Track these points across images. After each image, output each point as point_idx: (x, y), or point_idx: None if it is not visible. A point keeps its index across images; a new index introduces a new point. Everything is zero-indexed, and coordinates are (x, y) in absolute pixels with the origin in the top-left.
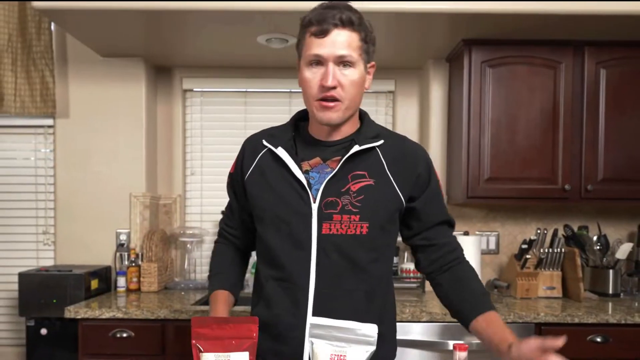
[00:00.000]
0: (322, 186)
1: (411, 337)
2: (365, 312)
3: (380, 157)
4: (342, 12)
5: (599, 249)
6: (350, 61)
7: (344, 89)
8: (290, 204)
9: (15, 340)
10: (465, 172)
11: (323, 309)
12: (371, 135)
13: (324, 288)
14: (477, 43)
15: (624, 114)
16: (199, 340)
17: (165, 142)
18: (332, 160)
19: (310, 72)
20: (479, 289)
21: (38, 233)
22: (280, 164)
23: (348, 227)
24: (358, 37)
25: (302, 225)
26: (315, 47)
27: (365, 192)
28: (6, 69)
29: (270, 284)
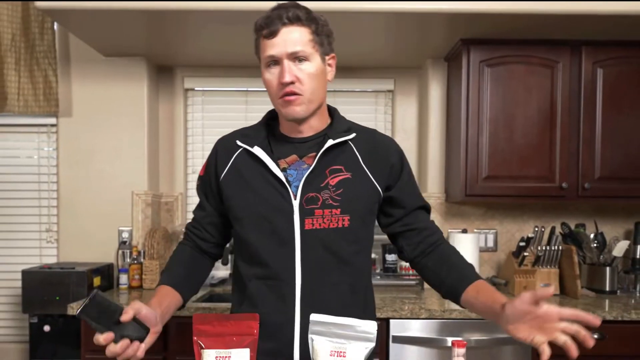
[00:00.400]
0: (301, 182)
1: (410, 334)
2: (350, 304)
3: (354, 151)
4: (288, 10)
5: (596, 247)
6: (304, 55)
7: (302, 83)
8: (271, 202)
9: (18, 336)
10: (464, 171)
11: (310, 304)
12: (343, 130)
13: (310, 283)
14: (475, 43)
15: (620, 113)
16: (200, 336)
17: (167, 141)
18: (307, 156)
19: (269, 73)
20: (463, 263)
21: (41, 231)
22: (257, 163)
23: (330, 220)
24: (308, 31)
25: (285, 223)
26: (268, 49)
27: (343, 185)
28: (9, 68)
29: (254, 283)
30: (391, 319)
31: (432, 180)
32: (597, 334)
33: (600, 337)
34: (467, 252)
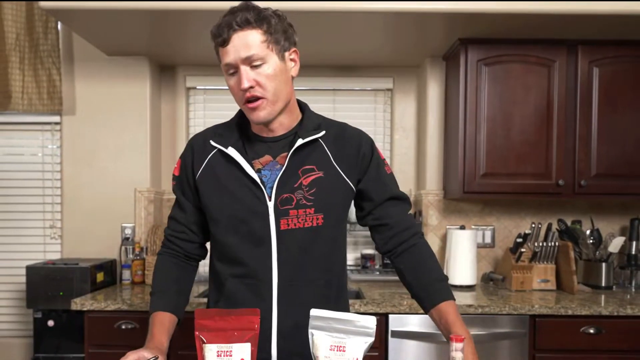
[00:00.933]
0: (275, 184)
1: (409, 329)
2: (327, 299)
3: (325, 149)
4: (236, 15)
5: (592, 243)
6: (259, 58)
7: (262, 86)
8: (246, 204)
9: (23, 331)
10: (462, 168)
11: (287, 301)
12: (313, 127)
13: (286, 281)
14: (473, 42)
15: (616, 111)
16: (202, 331)
17: (169, 139)
18: (280, 156)
19: (231, 81)
20: (435, 276)
21: (45, 227)
22: (232, 164)
23: (305, 220)
24: (259, 32)
25: (261, 224)
26: (224, 57)
27: (316, 185)
28: (14, 67)
29: (231, 281)
30: (390, 314)
31: (430, 177)
32: (594, 328)
33: (596, 332)
34: (465, 248)
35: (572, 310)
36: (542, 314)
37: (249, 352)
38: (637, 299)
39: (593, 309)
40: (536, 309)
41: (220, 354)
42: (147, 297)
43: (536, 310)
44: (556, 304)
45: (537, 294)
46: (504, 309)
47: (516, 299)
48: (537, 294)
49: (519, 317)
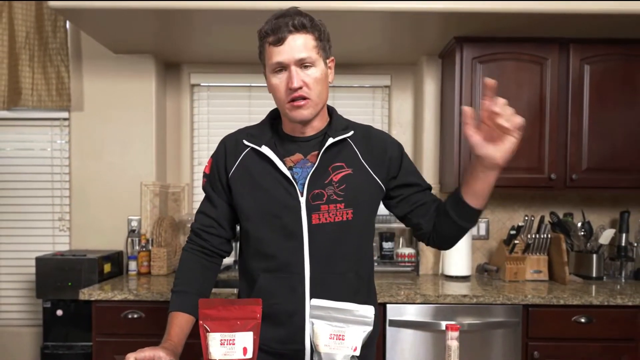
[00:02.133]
0: (306, 180)
1: (406, 318)
2: (356, 291)
3: (353, 148)
4: (293, 18)
5: (583, 235)
6: (310, 62)
7: (309, 87)
8: (280, 200)
9: (32, 320)
10: (457, 162)
11: (319, 292)
12: (341, 128)
13: (318, 273)
14: (468, 40)
15: (606, 107)
16: (205, 320)
17: (174, 134)
18: (311, 154)
19: (276, 79)
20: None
21: (54, 220)
22: (265, 162)
23: (335, 215)
24: (312, 38)
25: (293, 218)
26: (275, 56)
27: (346, 181)
28: (24, 64)
29: (264, 276)
30: (388, 303)
31: (427, 171)
32: (585, 318)
33: (587, 321)
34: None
35: (564, 300)
36: (534, 304)
37: (252, 341)
38: (627, 289)
39: (584, 299)
40: (529, 299)
41: (223, 343)
42: (153, 288)
43: (529, 300)
44: (548, 294)
45: (530, 284)
46: (498, 299)
47: (510, 289)
48: (530, 285)
49: (513, 307)
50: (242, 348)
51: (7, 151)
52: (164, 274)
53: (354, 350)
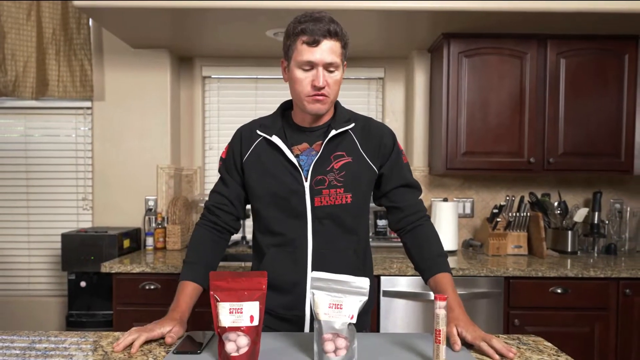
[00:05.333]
0: (311, 167)
1: (398, 289)
2: (353, 265)
3: (353, 138)
4: (329, 24)
5: (559, 213)
6: (335, 66)
7: (330, 88)
8: (287, 184)
9: (58, 291)
10: (445, 147)
11: (319, 266)
12: (344, 120)
13: (319, 249)
14: (455, 36)
15: (580, 97)
16: (216, 291)
17: (187, 122)
18: (316, 144)
19: (302, 74)
20: (435, 251)
21: (78, 199)
22: (275, 150)
23: (335, 198)
24: (340, 45)
25: (299, 201)
26: (307, 54)
27: (345, 168)
28: (51, 58)
29: (272, 250)
30: (381, 276)
31: (417, 155)
32: (561, 289)
33: (563, 292)
34: (447, 218)
35: (542, 272)
36: (515, 276)
37: (258, 310)
38: (599, 263)
39: (560, 271)
40: (510, 271)
41: (232, 311)
42: (168, 261)
43: (510, 273)
44: (528, 267)
45: (511, 258)
46: (482, 271)
47: (492, 263)
48: (511, 259)
49: (495, 279)
50: (249, 316)
51: (36, 137)
52: (178, 248)
53: (350, 318)
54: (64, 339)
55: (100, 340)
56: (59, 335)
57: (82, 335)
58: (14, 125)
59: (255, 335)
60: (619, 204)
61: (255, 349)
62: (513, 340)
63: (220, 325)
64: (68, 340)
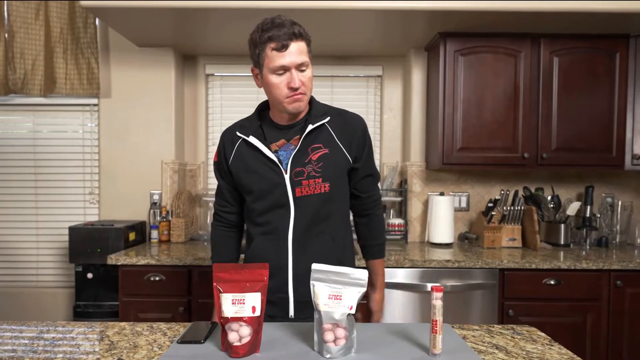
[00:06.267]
0: (289, 161)
1: (396, 280)
2: (331, 250)
3: (330, 131)
4: (292, 27)
5: (552, 207)
6: (305, 65)
7: (305, 85)
8: (269, 179)
9: (66, 282)
10: (441, 143)
11: (299, 252)
12: (320, 114)
13: (299, 235)
14: (451, 35)
15: (573, 94)
16: (219, 283)
17: (191, 118)
18: (293, 139)
19: (277, 79)
20: (380, 239)
21: (85, 193)
22: (254, 149)
23: (315, 188)
24: (305, 44)
25: (281, 193)
26: (279, 60)
27: (323, 159)
28: (58, 57)
29: (259, 238)
30: None
31: (414, 151)
32: (554, 280)
33: (556, 283)
34: (444, 212)
35: (536, 264)
36: (509, 268)
37: (259, 300)
38: (591, 255)
39: (553, 263)
40: (505, 263)
41: (234, 302)
42: (172, 254)
43: (505, 265)
44: (522, 259)
45: (506, 250)
46: (477, 263)
47: (487, 255)
48: (505, 251)
49: (490, 271)
50: (251, 307)
51: (44, 133)
52: (182, 241)
53: (350, 308)
54: (71, 329)
55: (106, 330)
56: (66, 326)
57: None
58: (23, 122)
59: (257, 325)
60: (610, 197)
61: (257, 338)
62: (507, 330)
63: (223, 315)
64: (75, 330)
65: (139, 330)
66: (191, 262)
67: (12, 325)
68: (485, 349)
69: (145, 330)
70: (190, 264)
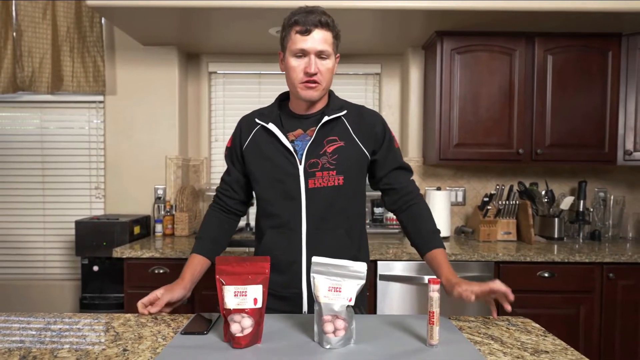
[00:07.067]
0: (304, 151)
1: (394, 273)
2: (346, 246)
3: (346, 124)
4: (320, 16)
5: (546, 201)
6: (327, 54)
7: (322, 75)
8: (282, 168)
9: (72, 275)
10: (438, 139)
11: (313, 246)
12: (337, 107)
13: (313, 229)
14: (447, 34)
15: (566, 91)
16: (221, 275)
17: (194, 115)
18: (310, 129)
19: (296, 61)
20: (430, 228)
21: (91, 188)
22: (271, 137)
23: (328, 180)
24: (331, 35)
25: (293, 183)
26: (300, 43)
27: (338, 152)
28: (65, 55)
29: (270, 232)
30: (378, 260)
31: (412, 147)
32: (548, 273)
33: (550, 275)
34: (440, 206)
35: (530, 257)
36: (505, 261)
37: (261, 292)
38: (584, 248)
39: (547, 256)
40: (500, 256)
41: (237, 294)
42: (176, 247)
43: (500, 258)
44: (517, 252)
45: (501, 244)
46: (473, 256)
47: (483, 248)
48: (500, 244)
49: (486, 263)
50: (252, 299)
51: (51, 129)
52: (186, 235)
53: (349, 300)
54: (77, 320)
55: (112, 322)
56: (73, 317)
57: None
58: (31, 118)
59: (258, 316)
60: (602, 192)
61: (258, 329)
62: (503, 322)
63: (225, 307)
64: (82, 322)
65: (143, 321)
66: None
67: (20, 317)
68: (481, 340)
69: (150, 321)
70: None
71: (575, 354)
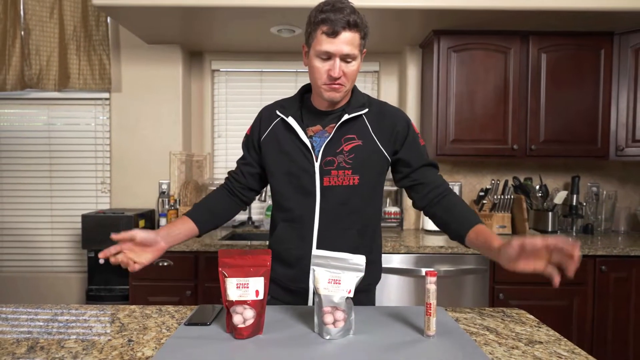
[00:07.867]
0: (322, 148)
1: (392, 265)
2: (357, 245)
3: (366, 123)
4: (349, 15)
5: (540, 196)
6: (353, 57)
7: (346, 77)
8: (298, 163)
9: (79, 268)
10: (435, 135)
11: (324, 244)
12: (358, 105)
13: (325, 227)
14: (444, 33)
15: (560, 89)
16: (224, 268)
17: (197, 112)
18: (329, 126)
19: (320, 63)
20: (465, 210)
21: (97, 183)
22: (290, 130)
23: (343, 179)
24: (359, 36)
25: (309, 179)
26: (325, 45)
27: (355, 151)
28: (72, 53)
29: (282, 224)
30: None
31: None
32: None
33: None
34: None
35: None
36: None
37: (263, 285)
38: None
39: None
40: None
41: (239, 286)
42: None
43: None
44: None
45: None
46: (469, 249)
47: None
48: None
49: (481, 256)
50: (254, 291)
51: (58, 126)
52: None
53: (348, 292)
54: (84, 312)
55: (117, 313)
56: (79, 308)
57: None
58: (38, 115)
59: (260, 308)
60: (595, 187)
61: (260, 320)
62: (498, 313)
63: (228, 299)
64: (88, 313)
65: (148, 312)
66: (198, 249)
67: (28, 308)
68: (477, 331)
69: (154, 313)
70: (197, 250)
71: (569, 344)
